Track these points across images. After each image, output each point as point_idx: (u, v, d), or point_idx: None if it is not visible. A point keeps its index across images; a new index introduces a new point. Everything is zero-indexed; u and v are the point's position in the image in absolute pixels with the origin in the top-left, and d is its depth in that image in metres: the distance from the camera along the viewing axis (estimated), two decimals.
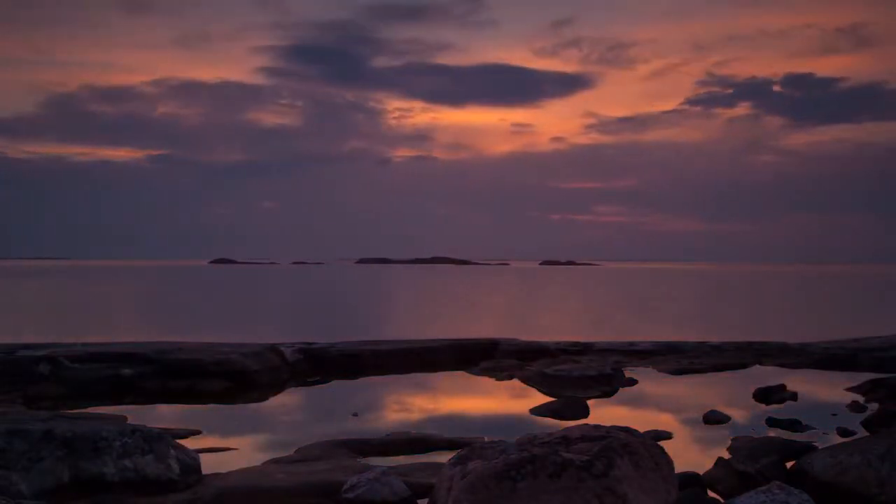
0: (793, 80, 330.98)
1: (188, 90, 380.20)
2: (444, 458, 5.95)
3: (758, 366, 13.49)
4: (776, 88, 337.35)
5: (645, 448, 4.70)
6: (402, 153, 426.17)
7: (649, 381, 11.92)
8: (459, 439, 7.57)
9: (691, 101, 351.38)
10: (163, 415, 9.44)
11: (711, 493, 5.96)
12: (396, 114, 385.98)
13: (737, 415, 9.24)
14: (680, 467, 5.96)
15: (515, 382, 11.82)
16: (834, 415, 9.24)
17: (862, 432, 8.09)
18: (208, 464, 6.54)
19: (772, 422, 8.72)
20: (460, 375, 12.70)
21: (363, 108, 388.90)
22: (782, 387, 10.63)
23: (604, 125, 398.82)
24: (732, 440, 7.57)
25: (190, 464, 6.12)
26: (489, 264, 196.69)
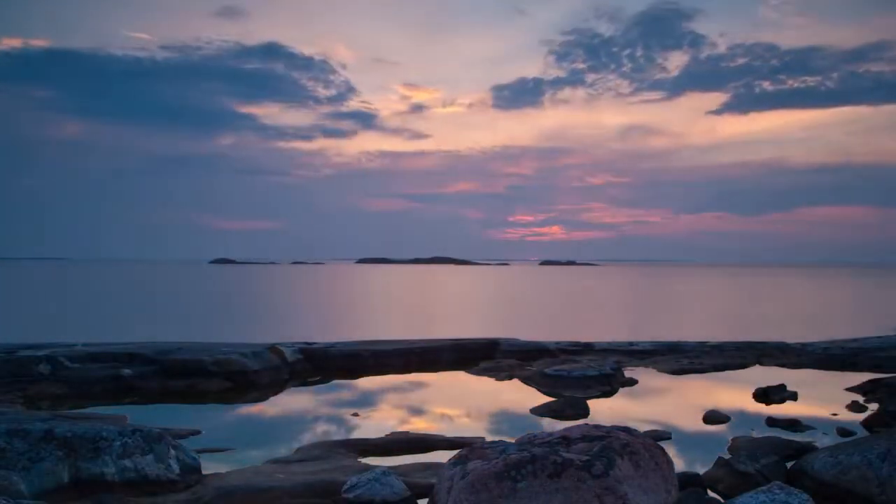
0: None
1: None
2: (444, 458, 5.95)
3: (758, 366, 13.52)
4: None
5: (645, 448, 4.69)
6: None
7: (649, 381, 11.93)
8: (459, 439, 7.57)
9: None
10: (163, 415, 9.43)
11: (711, 493, 5.95)
12: None
13: (737, 415, 9.24)
14: (680, 467, 5.98)
15: (515, 382, 11.82)
16: (834, 415, 9.25)
17: (862, 432, 8.10)
18: (208, 464, 6.55)
19: (772, 422, 8.72)
20: (460, 375, 12.71)
21: None
22: (782, 387, 10.63)
23: None
24: (732, 440, 7.59)
25: (190, 464, 6.13)
26: (489, 264, 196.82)
